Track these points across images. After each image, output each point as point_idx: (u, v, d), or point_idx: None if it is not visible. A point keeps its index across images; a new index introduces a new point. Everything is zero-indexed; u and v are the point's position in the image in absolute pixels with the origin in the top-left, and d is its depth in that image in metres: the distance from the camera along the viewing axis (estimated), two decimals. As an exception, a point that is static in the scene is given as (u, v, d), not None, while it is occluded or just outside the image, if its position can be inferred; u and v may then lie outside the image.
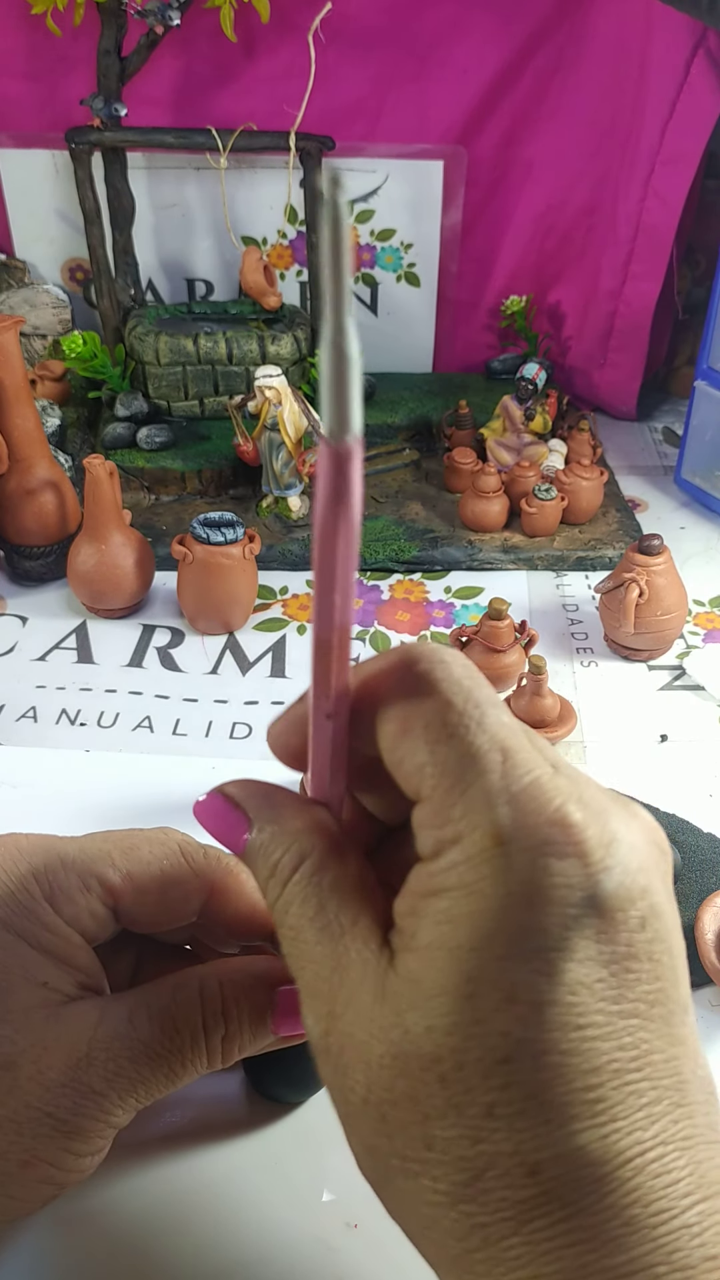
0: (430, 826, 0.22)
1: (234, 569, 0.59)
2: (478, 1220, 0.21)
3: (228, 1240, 0.32)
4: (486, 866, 0.21)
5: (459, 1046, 0.21)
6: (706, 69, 0.70)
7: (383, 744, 0.23)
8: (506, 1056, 0.20)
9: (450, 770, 0.22)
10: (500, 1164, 0.20)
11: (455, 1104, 0.21)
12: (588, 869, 0.21)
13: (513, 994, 0.20)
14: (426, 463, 0.78)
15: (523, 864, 0.21)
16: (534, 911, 0.21)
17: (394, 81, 0.78)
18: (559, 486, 0.69)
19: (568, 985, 0.20)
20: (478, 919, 0.21)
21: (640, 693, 0.58)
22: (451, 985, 0.21)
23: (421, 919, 0.22)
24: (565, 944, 0.20)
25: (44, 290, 0.82)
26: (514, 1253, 0.20)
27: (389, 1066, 0.21)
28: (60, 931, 0.30)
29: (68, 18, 0.73)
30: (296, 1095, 0.36)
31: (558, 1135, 0.20)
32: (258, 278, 0.77)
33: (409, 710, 0.23)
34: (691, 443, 0.76)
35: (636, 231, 0.78)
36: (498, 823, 0.21)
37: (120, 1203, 0.33)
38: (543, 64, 0.77)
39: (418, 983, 0.21)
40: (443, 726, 0.22)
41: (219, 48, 0.75)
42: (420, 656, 0.23)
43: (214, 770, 0.52)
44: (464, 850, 0.21)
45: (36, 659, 0.60)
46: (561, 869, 0.21)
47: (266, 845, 0.25)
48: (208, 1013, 0.30)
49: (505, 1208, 0.20)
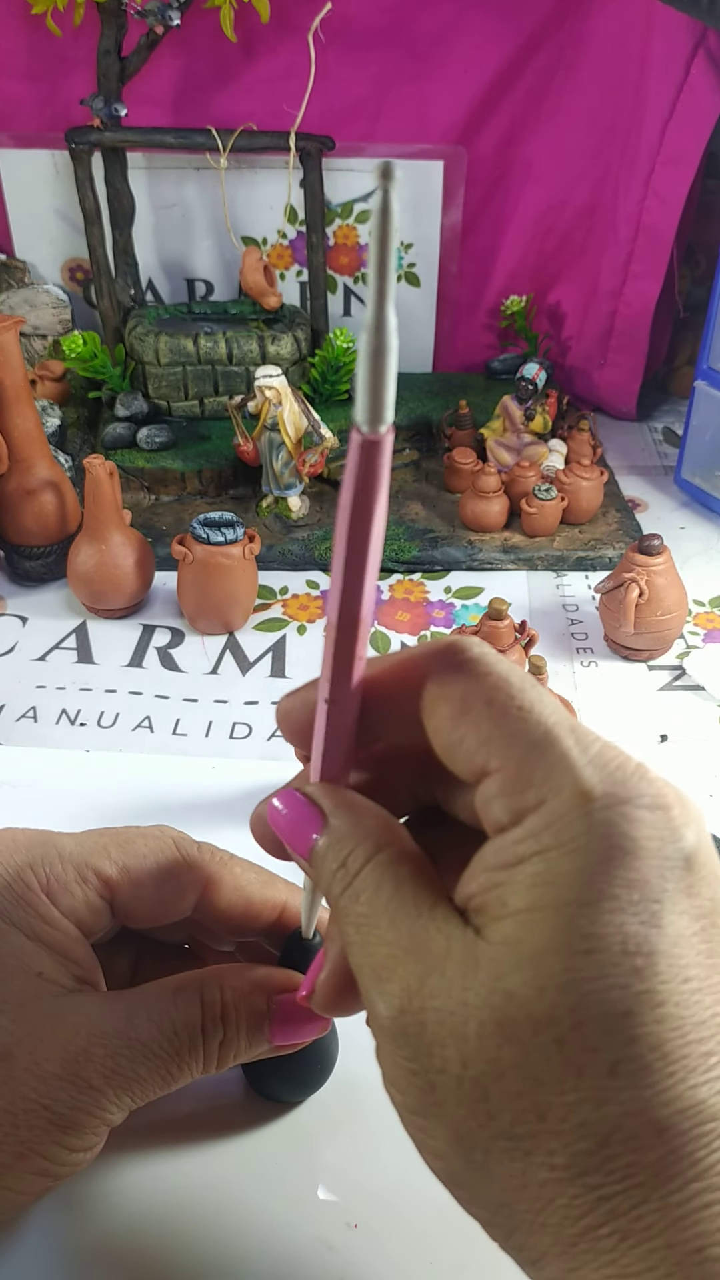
0: (507, 795, 0.22)
1: (234, 569, 0.59)
2: (604, 1191, 0.20)
3: (227, 1240, 0.32)
4: (581, 823, 0.21)
5: (576, 1004, 0.20)
6: (706, 69, 0.70)
7: (434, 725, 0.24)
8: (628, 1010, 0.20)
9: (522, 740, 0.22)
10: (628, 1126, 0.20)
11: (575, 1066, 0.20)
12: (672, 823, 0.21)
13: (626, 946, 0.20)
14: (426, 463, 0.78)
15: (618, 818, 0.21)
16: (636, 864, 0.21)
17: (394, 81, 0.78)
18: (559, 486, 0.69)
19: (671, 937, 0.20)
20: (583, 875, 0.21)
21: (640, 693, 0.58)
22: (563, 943, 0.20)
23: (510, 887, 0.21)
24: (665, 895, 0.21)
25: (44, 290, 0.82)
26: (645, 1221, 0.19)
27: (492, 1035, 0.21)
28: (57, 923, 0.30)
29: (68, 18, 0.73)
30: (296, 1095, 0.36)
31: (680, 1090, 0.20)
32: (258, 278, 0.77)
33: (466, 690, 0.23)
34: (691, 443, 0.76)
35: (636, 231, 0.78)
36: (586, 781, 0.21)
37: (119, 1202, 0.33)
38: (543, 64, 0.77)
39: (518, 945, 0.21)
40: (510, 700, 0.23)
41: (219, 48, 0.75)
42: (467, 644, 0.24)
43: (214, 770, 0.52)
44: (552, 811, 0.21)
45: (36, 659, 0.60)
46: (653, 821, 0.21)
47: (342, 838, 0.24)
48: (207, 1017, 0.30)
49: (636, 1172, 0.19)
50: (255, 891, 0.34)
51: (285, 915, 0.34)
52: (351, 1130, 0.35)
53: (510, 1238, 0.22)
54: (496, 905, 0.22)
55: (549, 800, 0.21)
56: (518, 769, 0.22)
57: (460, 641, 0.24)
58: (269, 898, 0.34)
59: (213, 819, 0.49)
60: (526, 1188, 0.21)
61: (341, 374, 0.78)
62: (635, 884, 0.21)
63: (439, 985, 0.22)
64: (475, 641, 0.24)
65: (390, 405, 0.18)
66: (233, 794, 0.50)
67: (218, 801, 0.50)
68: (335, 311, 0.86)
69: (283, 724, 0.27)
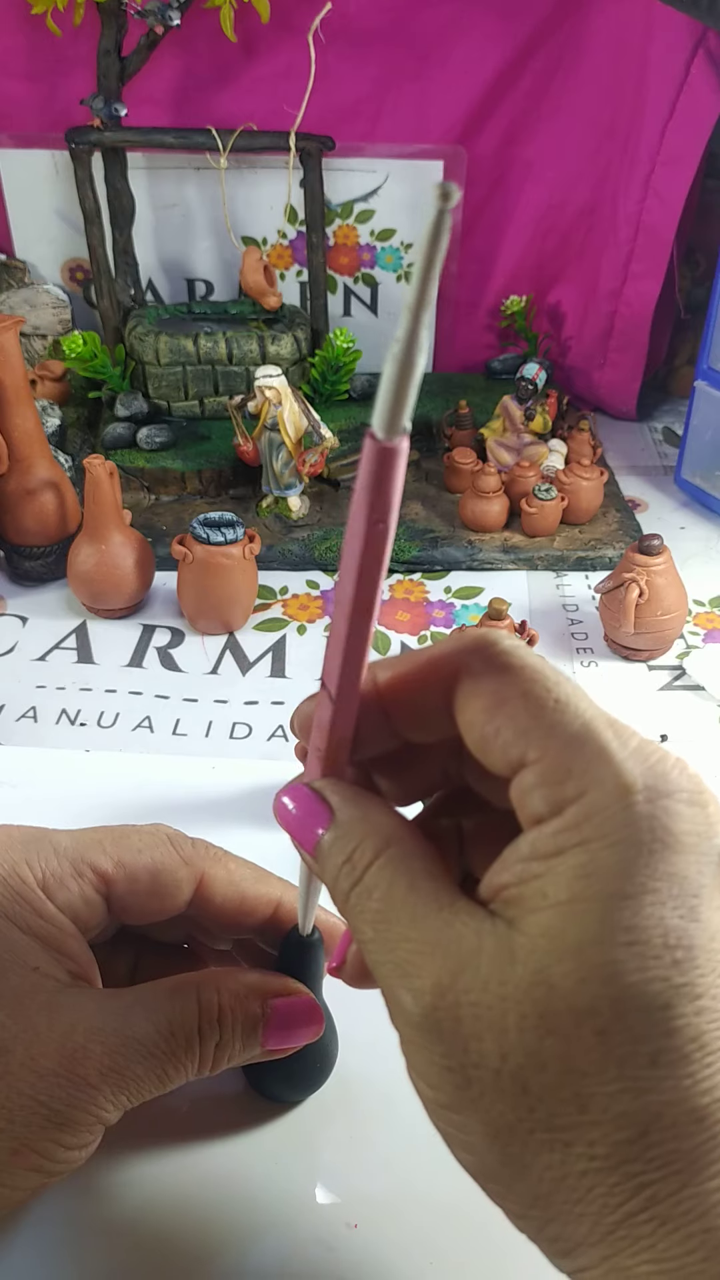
0: (546, 786, 0.22)
1: (234, 569, 0.59)
2: (644, 1179, 0.20)
3: (227, 1240, 0.32)
4: (624, 815, 0.21)
5: (619, 996, 0.20)
6: (706, 69, 0.70)
7: (468, 719, 0.24)
8: (668, 1003, 0.20)
9: (561, 732, 0.22)
10: (668, 1114, 0.20)
11: (617, 1056, 0.20)
12: (710, 819, 0.22)
13: (667, 940, 0.20)
14: (426, 463, 0.78)
15: (660, 811, 0.21)
16: (675, 858, 0.21)
17: (394, 81, 0.78)
18: (559, 486, 0.69)
19: (709, 932, 0.21)
20: (625, 867, 0.21)
21: (640, 693, 0.58)
22: (606, 935, 0.20)
23: (550, 878, 0.21)
24: (703, 890, 0.21)
25: (44, 290, 0.82)
26: (684, 1206, 0.20)
27: (533, 1028, 0.21)
28: (53, 918, 0.30)
29: (68, 18, 0.73)
30: (296, 1094, 0.36)
31: (718, 1079, 0.20)
32: (258, 278, 0.77)
33: (501, 685, 0.23)
34: (691, 443, 0.76)
35: (636, 231, 0.78)
36: (628, 774, 0.21)
37: (120, 1202, 0.33)
38: (543, 64, 0.77)
39: (560, 936, 0.21)
40: (546, 693, 0.23)
41: (219, 48, 0.75)
42: (497, 637, 0.24)
43: (214, 770, 0.52)
44: (593, 803, 0.21)
45: (36, 659, 0.60)
46: (693, 816, 0.21)
47: (349, 832, 0.24)
48: (205, 1019, 0.30)
49: (675, 1159, 0.20)
50: (249, 886, 0.34)
51: (280, 911, 0.34)
52: (351, 1130, 0.35)
53: (545, 1229, 0.22)
54: (535, 897, 0.22)
55: (590, 792, 0.21)
56: (557, 760, 0.22)
57: (490, 634, 0.24)
58: (263, 893, 0.34)
59: (212, 819, 0.49)
60: (566, 1178, 0.21)
61: (341, 374, 0.78)
62: (675, 878, 0.21)
63: (473, 979, 0.21)
64: (504, 635, 0.24)
65: (409, 415, 0.19)
66: (232, 794, 0.50)
67: (217, 801, 0.50)
68: (335, 311, 0.86)
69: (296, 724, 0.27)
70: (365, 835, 0.24)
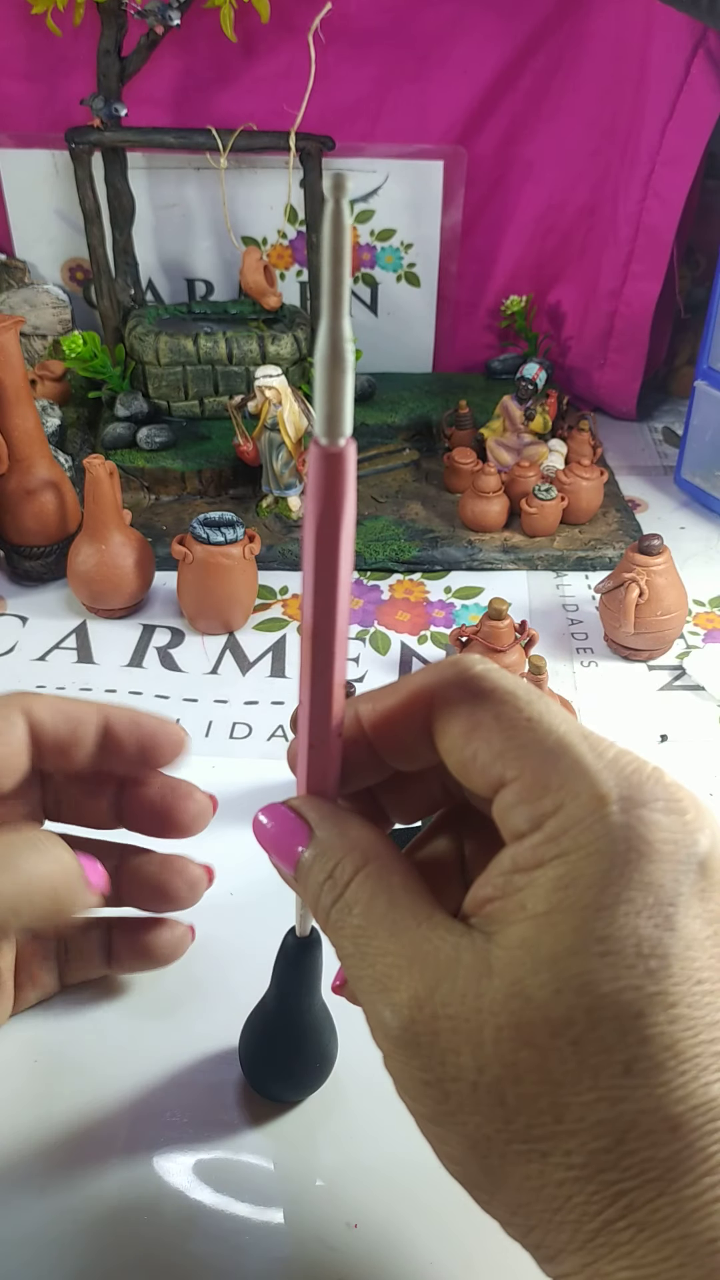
0: (524, 802, 0.22)
1: (234, 569, 0.59)
2: (621, 1187, 0.20)
3: (227, 1240, 0.32)
4: (599, 826, 0.21)
5: (592, 1006, 0.20)
6: (706, 69, 0.70)
7: (447, 745, 0.24)
8: (640, 1011, 0.20)
9: (536, 749, 0.22)
10: (643, 1123, 0.20)
11: (591, 1066, 0.20)
12: (687, 827, 0.22)
13: (641, 949, 0.21)
14: (426, 463, 0.78)
15: (635, 820, 0.21)
16: (652, 866, 0.21)
17: (394, 81, 0.78)
18: (559, 486, 0.69)
19: (684, 940, 0.21)
20: (601, 878, 0.21)
21: (640, 693, 0.58)
22: (581, 945, 0.21)
23: (530, 890, 0.22)
24: (679, 899, 0.21)
25: (44, 290, 0.82)
26: (661, 1213, 0.20)
27: (509, 1040, 0.21)
28: None
29: (68, 18, 0.73)
30: (295, 1094, 0.36)
31: (693, 1087, 0.20)
32: (258, 278, 0.77)
33: (475, 709, 0.24)
34: (691, 443, 0.76)
35: (636, 231, 0.78)
36: (602, 785, 0.22)
37: (119, 1201, 0.33)
38: (543, 64, 0.77)
39: (536, 948, 0.21)
40: (518, 713, 0.23)
41: (219, 48, 0.75)
42: (470, 662, 0.25)
43: (214, 770, 0.51)
44: (569, 816, 0.22)
45: (36, 659, 0.60)
46: (669, 825, 0.21)
47: (329, 849, 0.25)
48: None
49: (651, 1167, 0.20)
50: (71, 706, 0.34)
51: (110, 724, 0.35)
52: (352, 1130, 0.35)
53: (528, 1236, 0.22)
54: (515, 909, 0.22)
55: (567, 805, 0.22)
56: (534, 777, 0.22)
57: (463, 660, 0.25)
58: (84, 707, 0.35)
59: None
60: (544, 1188, 0.21)
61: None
62: (650, 887, 0.21)
63: (450, 993, 0.22)
64: (477, 659, 0.25)
65: (348, 416, 0.18)
66: (232, 793, 0.50)
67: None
68: (335, 311, 0.86)
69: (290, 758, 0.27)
70: (345, 852, 0.24)
